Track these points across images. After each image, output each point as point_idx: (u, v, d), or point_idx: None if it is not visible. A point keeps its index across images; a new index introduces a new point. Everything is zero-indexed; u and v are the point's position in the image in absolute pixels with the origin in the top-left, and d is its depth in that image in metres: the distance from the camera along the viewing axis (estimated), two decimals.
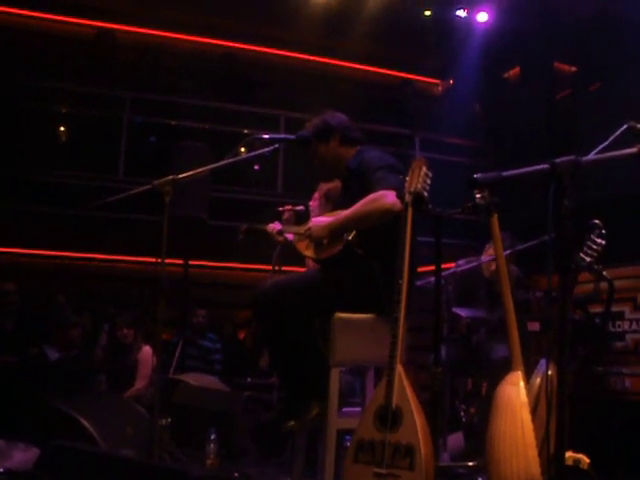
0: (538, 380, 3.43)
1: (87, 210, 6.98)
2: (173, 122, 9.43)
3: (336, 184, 4.05)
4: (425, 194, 2.93)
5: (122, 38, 10.16)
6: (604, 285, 4.11)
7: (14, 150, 8.31)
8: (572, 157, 2.04)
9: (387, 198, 3.20)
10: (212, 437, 4.53)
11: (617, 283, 4.89)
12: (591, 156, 2.15)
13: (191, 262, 7.28)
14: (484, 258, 5.18)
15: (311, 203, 4.32)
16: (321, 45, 10.60)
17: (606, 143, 2.20)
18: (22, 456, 3.63)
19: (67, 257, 9.17)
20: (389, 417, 2.72)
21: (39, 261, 8.95)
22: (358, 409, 3.56)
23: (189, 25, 10.22)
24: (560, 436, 2.02)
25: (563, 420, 2.03)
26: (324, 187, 4.20)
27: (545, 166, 2.04)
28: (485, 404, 4.30)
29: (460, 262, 5.31)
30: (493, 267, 5.00)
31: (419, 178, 2.94)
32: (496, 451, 2.68)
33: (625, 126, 2.27)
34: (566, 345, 2.06)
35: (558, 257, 2.05)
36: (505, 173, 2.13)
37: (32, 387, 5.23)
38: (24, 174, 8.23)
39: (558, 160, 2.02)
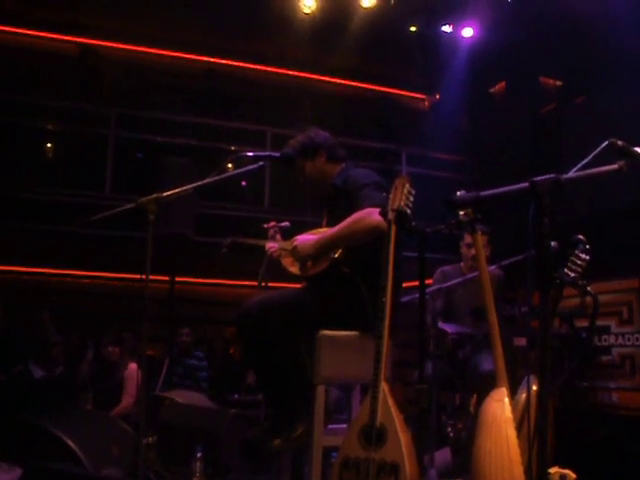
0: (524, 396, 3.44)
1: (73, 227, 6.96)
2: (159, 138, 9.41)
3: None
4: (408, 211, 2.92)
5: (106, 55, 10.16)
6: (590, 299, 4.12)
7: (0, 167, 8.28)
8: (552, 175, 2.05)
9: (373, 217, 3.18)
10: (198, 455, 4.50)
11: (603, 298, 4.93)
12: (572, 173, 2.15)
13: (177, 279, 7.26)
14: (463, 248, 5.33)
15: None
16: (307, 61, 10.63)
17: (586, 160, 2.20)
18: (4, 477, 3.59)
19: (53, 274, 9.14)
20: (373, 435, 2.71)
21: (25, 278, 8.92)
22: (344, 426, 3.54)
23: (174, 42, 10.24)
24: (542, 453, 2.01)
25: (545, 437, 2.03)
26: None
27: (525, 185, 2.04)
28: (473, 419, 4.30)
29: (437, 272, 5.35)
30: (472, 253, 5.07)
31: (402, 195, 2.92)
32: (481, 468, 2.67)
33: (606, 143, 2.28)
34: (548, 363, 2.05)
35: (539, 275, 2.05)
36: (483, 193, 2.13)
37: (16, 405, 5.17)
38: (10, 191, 8.20)
39: (538, 178, 2.03)
